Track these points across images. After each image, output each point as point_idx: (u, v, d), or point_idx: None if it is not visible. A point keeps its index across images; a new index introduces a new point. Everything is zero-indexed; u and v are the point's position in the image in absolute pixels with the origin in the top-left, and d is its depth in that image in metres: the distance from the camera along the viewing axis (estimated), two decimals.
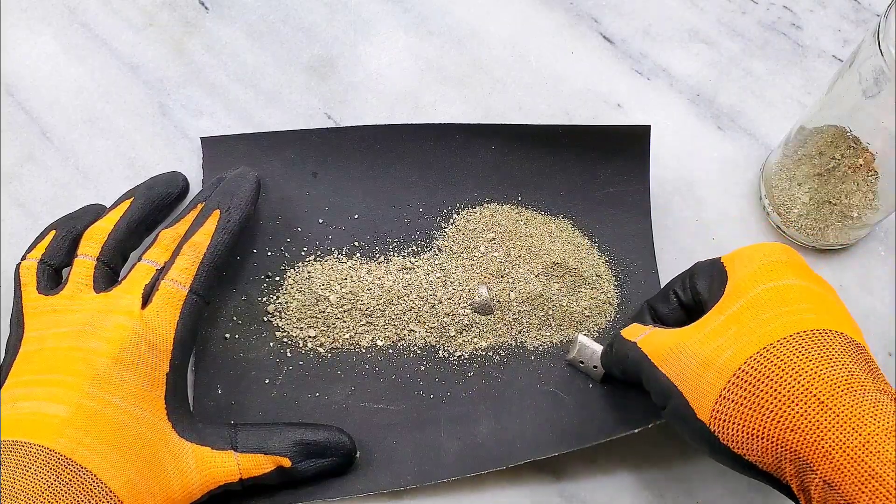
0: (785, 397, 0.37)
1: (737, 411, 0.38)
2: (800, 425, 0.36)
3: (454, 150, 0.55)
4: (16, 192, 0.55)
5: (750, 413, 0.38)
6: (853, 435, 0.34)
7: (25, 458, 0.38)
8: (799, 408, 0.36)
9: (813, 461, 0.35)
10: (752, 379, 0.38)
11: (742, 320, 0.40)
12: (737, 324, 0.40)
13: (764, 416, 0.37)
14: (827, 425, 0.35)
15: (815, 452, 0.35)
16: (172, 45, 0.60)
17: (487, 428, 0.50)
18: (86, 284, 0.45)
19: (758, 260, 0.43)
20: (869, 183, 0.50)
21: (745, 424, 0.38)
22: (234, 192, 0.49)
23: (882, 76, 0.43)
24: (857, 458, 0.34)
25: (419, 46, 0.61)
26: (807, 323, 0.39)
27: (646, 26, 0.62)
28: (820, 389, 0.36)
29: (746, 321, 0.40)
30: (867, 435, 0.34)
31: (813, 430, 0.35)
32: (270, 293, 0.52)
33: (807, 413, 0.36)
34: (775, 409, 0.37)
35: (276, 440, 0.45)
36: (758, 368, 0.38)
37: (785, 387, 0.37)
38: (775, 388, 0.37)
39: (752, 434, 0.38)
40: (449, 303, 0.52)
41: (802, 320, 0.39)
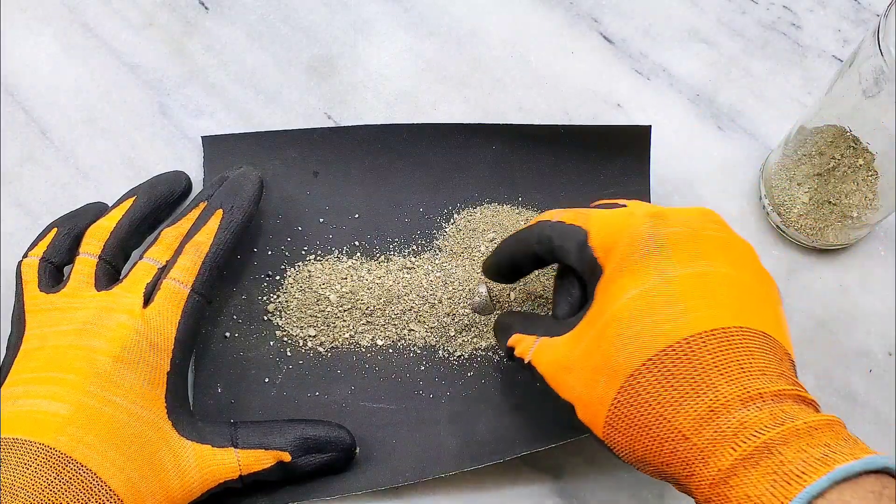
0: (655, 434, 0.36)
1: (621, 439, 0.38)
2: (672, 461, 0.36)
3: (455, 149, 0.55)
4: (16, 192, 0.55)
5: (631, 443, 0.38)
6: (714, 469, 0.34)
7: (26, 455, 0.38)
8: (669, 445, 0.36)
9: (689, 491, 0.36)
10: (625, 413, 0.37)
11: (610, 338, 0.39)
12: (606, 342, 0.39)
13: (642, 448, 0.37)
14: (693, 461, 0.35)
15: (688, 483, 0.36)
16: (172, 45, 0.60)
17: (487, 426, 0.50)
18: (87, 282, 0.45)
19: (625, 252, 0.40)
20: (869, 183, 0.50)
21: (630, 452, 0.38)
22: (238, 191, 0.48)
23: (882, 76, 0.43)
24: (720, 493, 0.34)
25: (419, 46, 0.61)
26: (672, 334, 0.37)
27: (646, 26, 0.62)
28: (684, 424, 0.36)
29: (613, 340, 0.38)
30: (726, 469, 0.34)
31: (683, 466, 0.36)
32: (271, 292, 0.52)
33: (675, 450, 0.36)
34: (649, 444, 0.37)
35: (276, 436, 0.45)
36: (628, 402, 0.37)
37: (654, 423, 0.36)
38: (645, 423, 0.37)
39: (638, 460, 0.38)
40: (449, 302, 0.52)
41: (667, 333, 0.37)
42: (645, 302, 0.38)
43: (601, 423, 0.39)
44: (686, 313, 0.37)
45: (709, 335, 0.37)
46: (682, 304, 0.38)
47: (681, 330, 0.37)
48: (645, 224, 0.41)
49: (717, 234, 0.41)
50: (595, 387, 0.39)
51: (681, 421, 0.36)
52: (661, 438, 0.36)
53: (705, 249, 0.40)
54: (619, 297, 0.39)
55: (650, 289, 0.39)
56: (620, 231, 0.41)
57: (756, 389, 0.35)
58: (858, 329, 0.54)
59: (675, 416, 0.36)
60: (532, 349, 0.44)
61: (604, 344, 0.39)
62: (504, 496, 0.49)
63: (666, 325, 0.37)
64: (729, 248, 0.41)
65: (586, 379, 0.39)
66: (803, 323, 0.54)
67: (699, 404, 0.35)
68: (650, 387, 0.37)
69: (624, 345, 0.38)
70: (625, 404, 0.37)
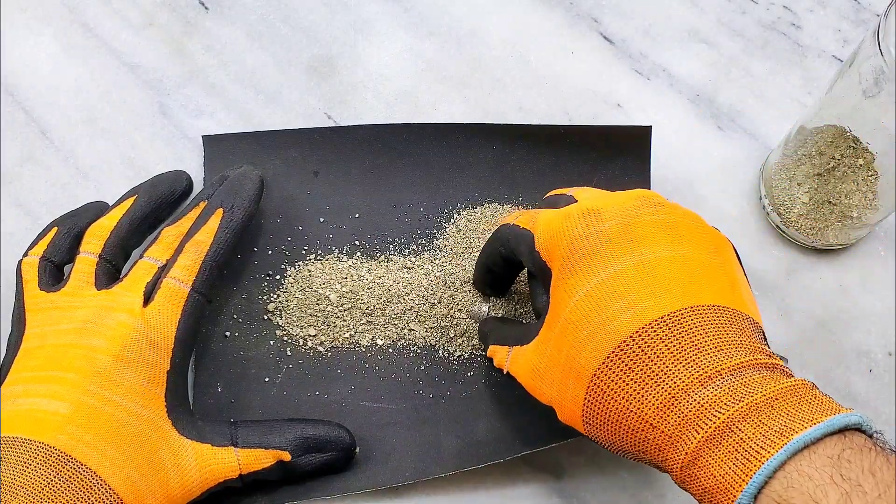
0: (626, 427, 0.37)
1: (599, 434, 0.39)
2: (646, 449, 0.37)
3: (455, 149, 0.55)
4: (16, 192, 0.55)
5: (609, 437, 0.38)
6: (682, 453, 0.35)
7: (25, 454, 0.38)
8: (640, 434, 0.37)
9: (667, 472, 0.37)
10: (596, 411, 0.38)
11: (569, 342, 0.39)
12: (567, 345, 0.39)
13: (619, 440, 0.38)
14: (664, 447, 0.36)
15: (664, 468, 0.37)
16: (172, 45, 0.60)
17: (486, 426, 0.50)
18: (87, 281, 0.45)
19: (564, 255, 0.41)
20: (869, 183, 0.50)
21: (609, 444, 0.39)
22: (238, 191, 0.48)
23: (882, 76, 0.43)
24: (690, 475, 0.35)
25: (419, 46, 0.61)
26: (624, 329, 0.37)
27: (646, 26, 0.62)
28: (649, 413, 0.36)
29: (572, 343, 0.39)
30: (692, 451, 0.34)
31: (656, 453, 0.36)
32: (271, 291, 0.52)
33: (646, 439, 0.36)
34: (623, 436, 0.38)
35: (276, 435, 0.45)
36: (596, 400, 0.38)
37: (622, 416, 0.37)
38: (615, 418, 0.37)
39: (619, 450, 0.39)
40: (449, 302, 0.52)
41: (619, 329, 0.38)
42: (592, 302, 0.39)
43: (580, 422, 0.40)
44: (632, 306, 0.38)
45: (658, 323, 0.37)
46: (626, 297, 0.38)
47: (630, 324, 0.37)
48: (580, 225, 0.41)
49: (652, 216, 0.41)
50: (566, 390, 0.40)
51: (645, 411, 0.36)
52: (632, 430, 0.37)
53: (641, 237, 0.40)
54: (568, 301, 0.40)
55: (593, 288, 0.39)
56: (559, 234, 0.41)
57: (713, 368, 0.36)
58: (858, 329, 0.54)
59: (639, 408, 0.36)
60: (507, 359, 0.45)
61: (564, 348, 0.40)
62: (504, 496, 0.49)
63: (615, 323, 0.38)
64: (668, 228, 0.41)
65: (557, 383, 0.40)
66: (803, 323, 0.54)
67: (660, 393, 0.36)
68: (613, 384, 0.37)
69: (581, 347, 0.39)
70: (594, 402, 0.38)
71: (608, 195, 0.44)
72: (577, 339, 0.39)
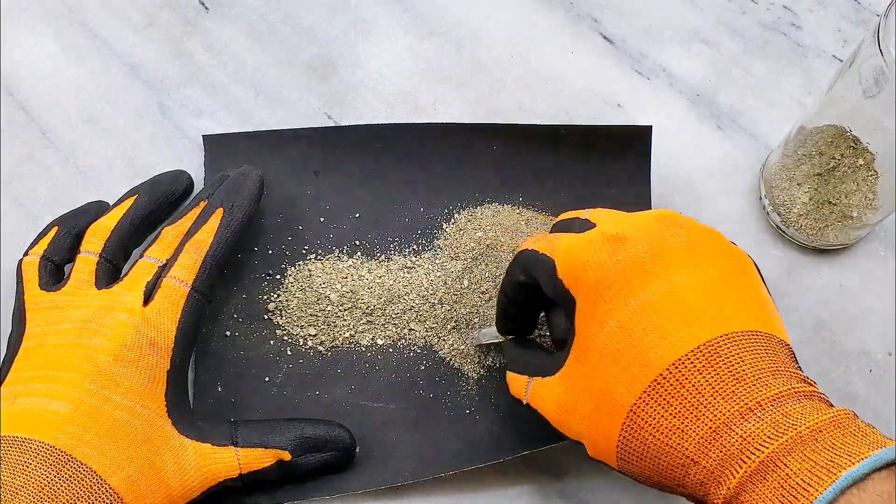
0: (665, 462, 0.36)
1: (635, 470, 0.38)
2: (686, 483, 0.36)
3: (456, 149, 0.55)
4: (16, 192, 0.55)
5: (645, 473, 0.37)
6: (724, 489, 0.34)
7: (26, 454, 0.38)
8: (680, 470, 0.36)
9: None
10: (632, 447, 0.37)
11: (602, 376, 0.38)
12: (599, 380, 0.38)
13: (657, 476, 0.37)
14: (706, 482, 0.35)
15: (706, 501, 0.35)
16: (172, 45, 0.60)
17: (486, 427, 0.50)
18: (88, 281, 0.45)
19: (590, 283, 0.40)
20: (869, 183, 0.50)
21: (646, 479, 0.38)
22: (238, 190, 0.48)
23: (882, 76, 0.43)
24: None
25: (419, 46, 0.61)
26: (659, 363, 0.36)
27: (646, 26, 0.62)
28: (690, 449, 0.35)
29: (605, 378, 0.38)
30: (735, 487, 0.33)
31: (698, 488, 0.35)
32: (271, 291, 0.52)
33: (687, 474, 0.36)
34: (662, 472, 0.37)
35: (276, 435, 0.45)
36: (633, 436, 0.37)
37: (662, 452, 0.36)
38: (654, 454, 0.36)
39: (656, 486, 0.38)
40: (449, 302, 0.52)
41: (654, 361, 0.37)
42: (624, 334, 0.38)
43: (613, 457, 0.38)
44: (666, 338, 0.37)
45: (694, 354, 0.36)
46: (660, 328, 0.37)
47: (666, 356, 0.36)
48: (604, 252, 0.40)
49: (676, 239, 0.40)
50: (598, 425, 0.38)
51: (686, 447, 0.35)
52: (671, 466, 0.36)
53: (668, 262, 0.39)
54: (598, 333, 0.39)
55: (625, 320, 0.38)
56: (584, 262, 0.40)
57: (754, 399, 0.35)
58: (858, 329, 0.54)
59: (680, 443, 0.36)
60: (527, 391, 0.44)
61: (596, 383, 0.38)
62: (504, 496, 0.49)
63: (650, 355, 0.37)
64: (692, 250, 0.40)
65: (589, 419, 0.39)
66: (803, 323, 0.54)
67: (701, 427, 0.35)
68: (650, 419, 0.36)
69: (616, 382, 0.37)
70: (631, 438, 0.37)
71: (626, 217, 0.43)
72: (610, 373, 0.38)
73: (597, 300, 0.39)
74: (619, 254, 0.39)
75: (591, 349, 0.39)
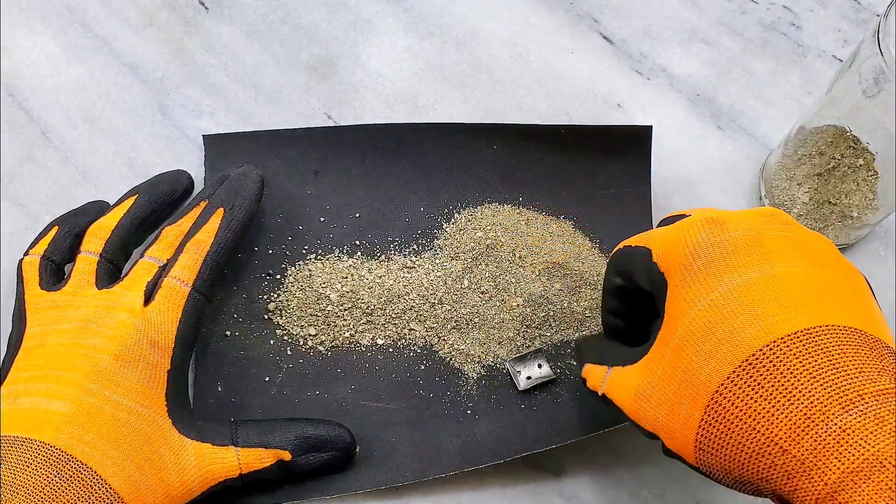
0: (751, 450, 0.34)
1: (715, 461, 0.36)
2: (772, 476, 0.34)
3: (456, 149, 0.55)
4: (16, 192, 0.55)
5: (726, 464, 0.35)
6: (820, 484, 0.32)
7: (26, 453, 0.38)
8: (766, 460, 0.33)
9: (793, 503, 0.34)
10: (715, 432, 0.35)
11: (687, 357, 0.36)
12: (684, 362, 0.36)
13: (739, 467, 0.35)
14: (795, 474, 0.33)
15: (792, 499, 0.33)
16: (172, 45, 0.60)
17: (487, 427, 0.50)
18: (88, 281, 0.45)
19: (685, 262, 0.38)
20: (869, 183, 0.50)
21: (726, 473, 0.36)
22: (239, 190, 0.48)
23: (882, 76, 0.43)
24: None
25: (419, 46, 0.61)
26: (752, 343, 0.34)
27: (646, 26, 0.62)
28: (780, 435, 0.33)
29: (691, 359, 0.36)
30: (833, 483, 0.31)
31: (785, 481, 0.33)
32: (271, 291, 0.52)
33: (774, 464, 0.33)
34: (746, 461, 0.34)
35: (277, 434, 0.45)
36: (717, 420, 0.35)
37: (748, 438, 0.34)
38: (739, 440, 0.34)
39: (736, 481, 0.36)
40: (449, 302, 0.52)
41: (746, 341, 0.35)
42: (717, 312, 0.36)
43: (691, 448, 0.36)
44: (763, 318, 0.35)
45: (791, 338, 0.34)
46: (756, 309, 0.35)
47: (761, 337, 0.34)
48: (703, 231, 0.39)
49: (783, 233, 0.38)
50: (679, 411, 0.36)
51: (776, 433, 0.33)
52: (757, 454, 0.34)
53: (772, 251, 0.37)
54: (688, 312, 0.37)
55: (719, 298, 0.36)
56: (680, 242, 0.39)
57: (855, 391, 0.32)
58: None
59: (769, 429, 0.33)
60: (605, 381, 0.42)
61: (681, 364, 0.36)
62: (504, 496, 0.49)
63: (743, 334, 0.35)
64: (800, 245, 0.38)
65: (668, 405, 0.37)
66: None
67: (794, 413, 0.33)
68: (738, 401, 0.34)
69: (703, 361, 0.35)
70: (713, 424, 0.35)
71: (730, 211, 0.41)
72: (697, 352, 0.36)
73: (690, 280, 0.38)
74: (719, 235, 0.38)
75: (679, 330, 0.37)
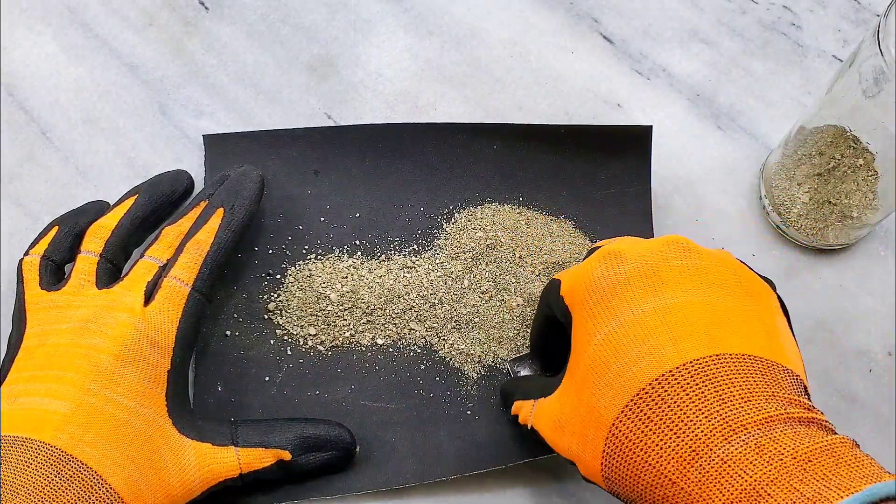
0: (645, 482, 0.35)
1: (620, 489, 0.36)
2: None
3: (456, 149, 0.55)
4: (16, 192, 0.55)
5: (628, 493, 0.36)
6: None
7: (26, 453, 0.38)
8: (660, 491, 0.34)
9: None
10: (615, 464, 0.36)
11: (588, 390, 0.37)
12: (586, 394, 0.37)
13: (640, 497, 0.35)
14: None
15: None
16: (172, 45, 0.60)
17: (487, 427, 0.50)
18: (88, 281, 0.45)
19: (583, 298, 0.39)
20: (869, 183, 0.50)
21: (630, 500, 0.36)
22: (239, 190, 0.48)
23: (882, 76, 0.43)
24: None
25: (419, 46, 0.61)
26: (643, 377, 0.35)
27: (646, 26, 0.62)
28: (668, 468, 0.34)
29: (591, 392, 0.37)
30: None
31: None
32: (271, 291, 0.52)
33: (666, 496, 0.34)
34: (643, 492, 0.35)
35: (277, 434, 0.45)
36: (615, 453, 0.36)
37: (641, 471, 0.35)
38: (634, 472, 0.35)
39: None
40: (449, 302, 0.52)
41: (637, 377, 0.35)
42: (611, 347, 0.37)
43: (599, 476, 0.37)
44: (652, 351, 0.36)
45: (680, 370, 0.35)
46: (648, 341, 0.36)
47: (650, 370, 0.35)
48: (600, 266, 0.40)
49: (679, 261, 0.39)
50: (586, 441, 0.37)
51: (665, 466, 0.34)
52: (651, 486, 0.35)
53: (665, 281, 0.38)
54: (587, 346, 0.38)
55: (612, 332, 0.37)
56: (581, 278, 0.40)
57: (738, 421, 0.33)
58: (858, 329, 0.54)
59: (658, 462, 0.34)
60: (531, 413, 0.43)
61: (584, 396, 0.38)
62: (504, 496, 0.49)
63: (635, 368, 0.36)
64: (697, 273, 0.38)
65: (578, 435, 0.38)
66: (803, 323, 0.54)
67: (681, 446, 0.34)
68: (631, 435, 0.35)
69: (601, 395, 0.37)
70: (613, 456, 0.36)
71: (637, 241, 0.42)
72: (596, 385, 0.37)
73: (587, 314, 0.39)
74: (613, 269, 0.39)
75: (581, 363, 0.38)
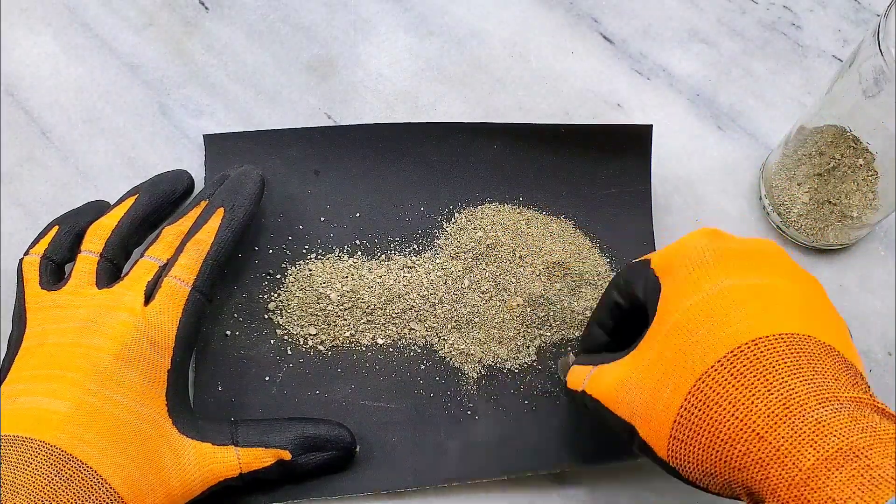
0: (727, 436, 0.35)
1: (688, 451, 0.37)
2: (745, 464, 0.34)
3: (456, 149, 0.55)
4: (16, 192, 0.55)
5: (700, 453, 0.36)
6: (794, 470, 0.33)
7: (26, 453, 0.38)
8: (741, 446, 0.34)
9: (764, 497, 0.34)
10: (693, 418, 0.36)
11: (675, 346, 0.38)
12: (671, 350, 0.38)
13: (713, 456, 0.36)
14: (769, 461, 0.33)
15: (763, 489, 0.34)
16: (172, 45, 0.60)
17: (487, 428, 0.50)
18: (88, 280, 0.45)
19: (681, 264, 0.40)
20: (869, 183, 0.50)
21: (698, 464, 0.36)
22: (239, 190, 0.48)
23: (882, 76, 0.43)
24: (800, 496, 0.32)
25: (419, 46, 0.61)
26: (739, 336, 0.36)
27: (646, 26, 0.62)
28: (757, 422, 0.34)
29: (679, 347, 0.38)
30: (807, 469, 0.32)
31: (757, 469, 0.34)
32: (271, 291, 0.52)
33: (748, 451, 0.34)
34: (721, 449, 0.35)
35: (277, 434, 0.45)
36: (697, 406, 0.36)
37: (725, 424, 0.35)
38: (716, 426, 0.35)
39: (706, 473, 0.36)
40: (450, 302, 0.52)
41: (734, 334, 0.36)
42: (708, 307, 0.38)
43: (665, 436, 0.37)
44: (752, 316, 0.37)
45: (777, 338, 0.36)
46: (745, 308, 0.37)
47: (748, 332, 0.36)
48: (702, 238, 0.41)
49: (776, 256, 0.41)
50: (660, 397, 0.37)
51: (753, 419, 0.34)
52: (732, 440, 0.35)
53: (763, 264, 0.40)
54: (678, 307, 0.39)
55: (710, 295, 0.38)
56: (679, 249, 0.41)
57: (831, 391, 0.34)
58: (858, 329, 0.54)
59: (746, 415, 0.34)
60: (587, 378, 0.43)
61: (668, 353, 0.38)
62: (504, 496, 0.49)
63: (731, 328, 0.36)
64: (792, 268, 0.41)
65: (650, 391, 0.38)
66: None
67: (772, 402, 0.34)
68: (720, 388, 0.35)
69: (691, 350, 0.37)
70: (692, 410, 0.36)
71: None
72: (686, 341, 0.37)
73: (686, 278, 0.40)
74: (715, 243, 0.41)
75: (670, 322, 0.39)
